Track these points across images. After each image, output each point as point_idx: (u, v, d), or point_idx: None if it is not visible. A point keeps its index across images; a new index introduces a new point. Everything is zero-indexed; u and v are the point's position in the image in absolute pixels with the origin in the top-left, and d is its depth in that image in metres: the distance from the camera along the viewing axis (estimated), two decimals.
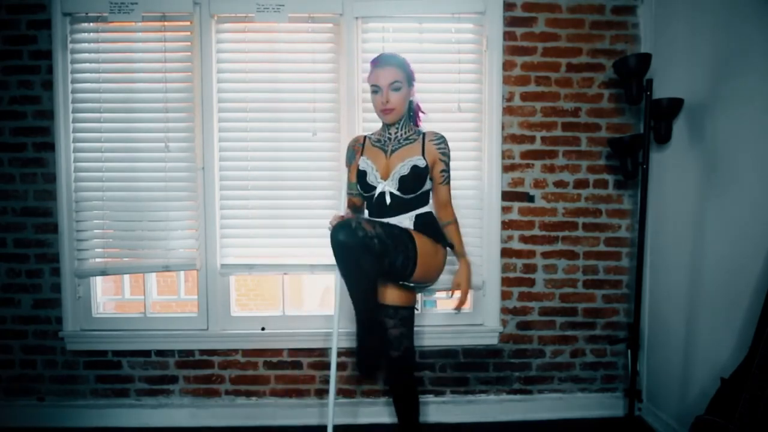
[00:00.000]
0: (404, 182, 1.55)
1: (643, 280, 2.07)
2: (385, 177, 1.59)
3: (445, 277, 2.07)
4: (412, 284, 1.59)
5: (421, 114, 1.71)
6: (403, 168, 1.56)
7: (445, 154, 1.59)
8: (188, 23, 2.06)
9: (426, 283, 1.62)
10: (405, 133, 1.63)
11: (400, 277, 1.52)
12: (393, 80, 1.53)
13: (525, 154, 2.14)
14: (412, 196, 1.57)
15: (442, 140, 1.60)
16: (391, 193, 1.57)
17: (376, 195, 1.59)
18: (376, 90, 1.55)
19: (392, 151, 1.61)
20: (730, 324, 1.60)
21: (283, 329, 2.15)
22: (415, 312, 1.65)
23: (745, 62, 1.57)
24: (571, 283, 2.19)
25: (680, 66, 1.89)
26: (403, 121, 1.62)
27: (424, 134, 1.61)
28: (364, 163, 1.62)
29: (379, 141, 1.65)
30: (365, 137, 1.68)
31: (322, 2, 2.04)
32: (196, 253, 2.10)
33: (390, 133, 1.63)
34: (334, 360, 1.63)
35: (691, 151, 1.84)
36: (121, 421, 2.14)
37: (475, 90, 2.11)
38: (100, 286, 2.21)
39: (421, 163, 1.56)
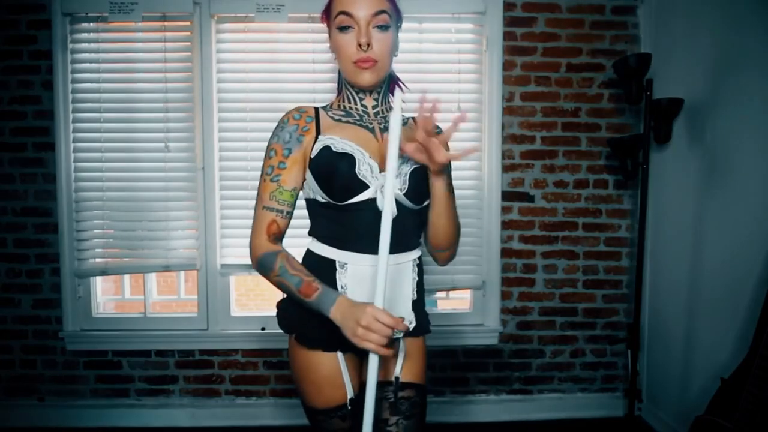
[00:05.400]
0: (417, 180, 0.95)
1: (643, 280, 2.07)
2: (382, 168, 0.94)
3: (444, 278, 2.09)
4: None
5: (400, 87, 1.10)
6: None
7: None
8: (188, 23, 2.06)
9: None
10: (386, 111, 1.04)
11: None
12: (378, 9, 0.93)
13: (525, 154, 2.14)
14: (420, 207, 0.98)
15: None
16: (397, 202, 0.92)
17: (359, 201, 0.93)
18: (345, 27, 0.95)
19: (385, 129, 1.01)
20: (730, 324, 1.60)
21: None
22: None
23: (745, 62, 1.57)
24: (571, 283, 2.19)
25: (680, 66, 1.89)
26: (384, 89, 1.04)
27: (414, 119, 1.07)
28: (336, 141, 0.95)
29: (348, 115, 1.02)
30: (316, 109, 1.02)
31: (322, 2, 2.02)
32: (196, 253, 2.10)
33: (365, 105, 1.02)
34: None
35: (691, 151, 1.84)
36: (121, 421, 2.13)
37: (475, 90, 2.10)
38: (100, 286, 2.21)
39: None
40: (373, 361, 0.86)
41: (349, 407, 0.99)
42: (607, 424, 2.13)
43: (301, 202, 1.02)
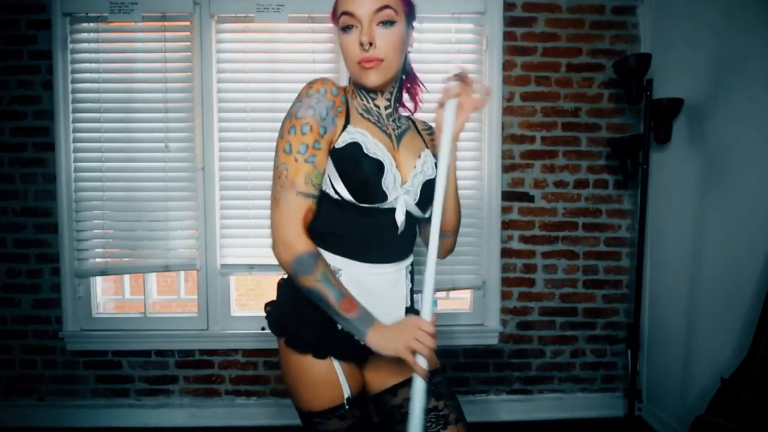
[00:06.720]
0: (426, 191, 0.97)
1: (643, 280, 2.07)
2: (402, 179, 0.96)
3: (444, 278, 2.09)
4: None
5: (420, 88, 1.09)
6: (426, 167, 0.99)
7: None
8: (188, 23, 2.06)
9: None
10: (396, 112, 1.03)
11: None
12: (381, 5, 0.89)
13: (525, 154, 2.14)
14: (425, 216, 1.01)
15: (431, 131, 1.09)
16: (407, 213, 0.97)
17: (380, 209, 0.93)
18: (348, 26, 0.91)
19: (399, 137, 1.00)
20: (730, 324, 1.60)
21: None
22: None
23: (746, 62, 1.57)
24: (571, 283, 2.19)
25: (680, 66, 1.89)
26: (395, 89, 1.01)
27: (413, 121, 1.10)
28: (368, 141, 0.92)
29: (368, 112, 0.99)
30: (344, 89, 0.97)
31: (322, 2, 2.03)
32: (196, 253, 2.10)
33: (378, 106, 1.00)
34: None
35: (691, 151, 1.84)
36: (121, 421, 2.13)
37: (475, 90, 2.10)
38: (100, 286, 2.20)
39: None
40: (419, 384, 0.88)
41: (347, 406, 0.99)
42: (607, 424, 2.13)
43: None
